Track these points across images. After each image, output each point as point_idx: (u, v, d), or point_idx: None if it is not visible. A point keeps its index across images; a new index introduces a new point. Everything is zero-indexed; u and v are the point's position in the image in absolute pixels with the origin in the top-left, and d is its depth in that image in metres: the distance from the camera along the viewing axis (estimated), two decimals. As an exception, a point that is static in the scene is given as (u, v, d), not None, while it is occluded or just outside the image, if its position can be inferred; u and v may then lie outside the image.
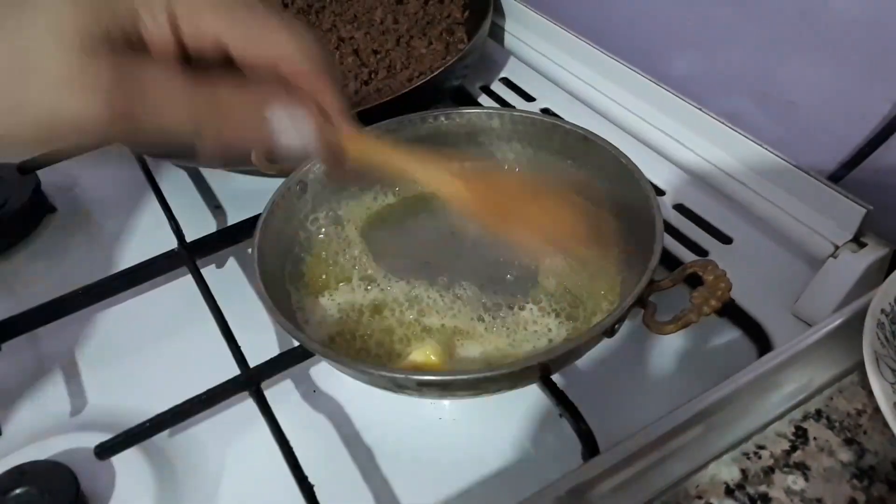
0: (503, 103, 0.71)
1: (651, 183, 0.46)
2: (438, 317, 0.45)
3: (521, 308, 0.45)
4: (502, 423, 0.45)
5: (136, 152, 0.64)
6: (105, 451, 0.42)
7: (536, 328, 0.44)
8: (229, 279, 0.57)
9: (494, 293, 0.46)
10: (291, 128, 0.31)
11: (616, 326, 0.40)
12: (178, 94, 0.28)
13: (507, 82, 0.74)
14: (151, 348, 0.53)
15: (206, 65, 0.30)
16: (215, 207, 0.64)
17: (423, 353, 0.41)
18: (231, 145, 0.30)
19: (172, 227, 0.57)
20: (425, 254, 0.50)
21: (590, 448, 0.40)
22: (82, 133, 0.27)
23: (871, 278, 0.47)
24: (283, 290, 0.46)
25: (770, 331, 0.48)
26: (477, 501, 0.42)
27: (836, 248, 0.48)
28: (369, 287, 0.47)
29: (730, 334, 0.49)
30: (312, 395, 0.49)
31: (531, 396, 0.46)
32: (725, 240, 0.55)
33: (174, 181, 0.66)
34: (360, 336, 0.45)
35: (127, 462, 0.44)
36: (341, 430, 0.46)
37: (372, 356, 0.44)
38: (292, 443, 0.42)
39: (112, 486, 0.44)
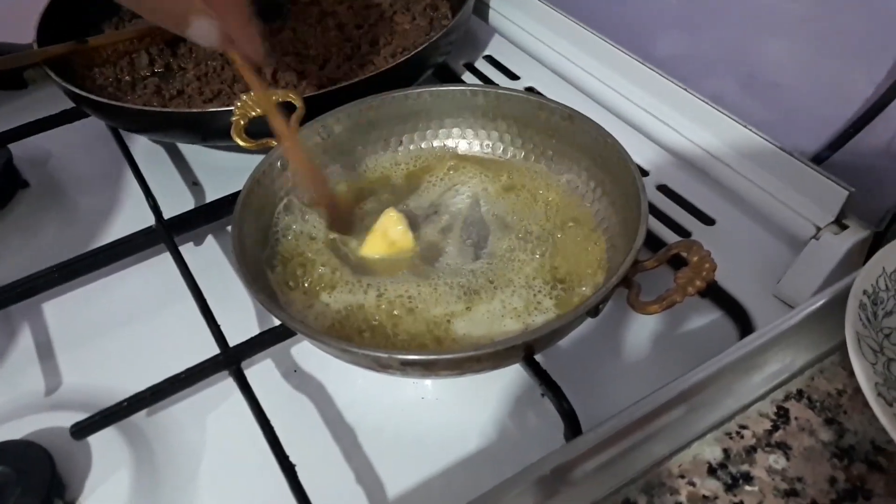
0: (487, 81, 0.70)
1: (637, 165, 0.46)
2: (420, 301, 0.44)
3: (506, 288, 0.45)
4: (485, 403, 0.45)
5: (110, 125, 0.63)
6: (81, 430, 0.42)
7: (521, 306, 0.44)
8: (208, 257, 0.56)
9: (477, 275, 0.46)
10: (204, 32, 0.44)
11: (600, 306, 0.39)
12: None
13: (492, 60, 0.73)
14: (128, 327, 0.52)
15: None
16: (193, 184, 0.63)
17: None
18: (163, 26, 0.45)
19: (150, 204, 0.55)
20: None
21: (572, 427, 0.40)
22: None
23: (853, 260, 0.47)
24: (263, 269, 0.46)
25: (752, 312, 0.48)
26: (460, 480, 0.42)
27: (819, 229, 0.48)
28: (350, 274, 0.47)
29: (711, 315, 0.49)
30: (293, 374, 0.48)
31: (513, 375, 0.45)
32: (708, 221, 0.55)
33: (151, 157, 0.65)
34: (340, 313, 0.44)
35: (104, 442, 0.44)
36: (323, 409, 0.46)
37: (354, 336, 0.43)
38: (273, 423, 0.42)
39: (89, 466, 0.43)
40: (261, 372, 0.47)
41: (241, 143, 0.50)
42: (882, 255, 0.38)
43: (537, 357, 0.42)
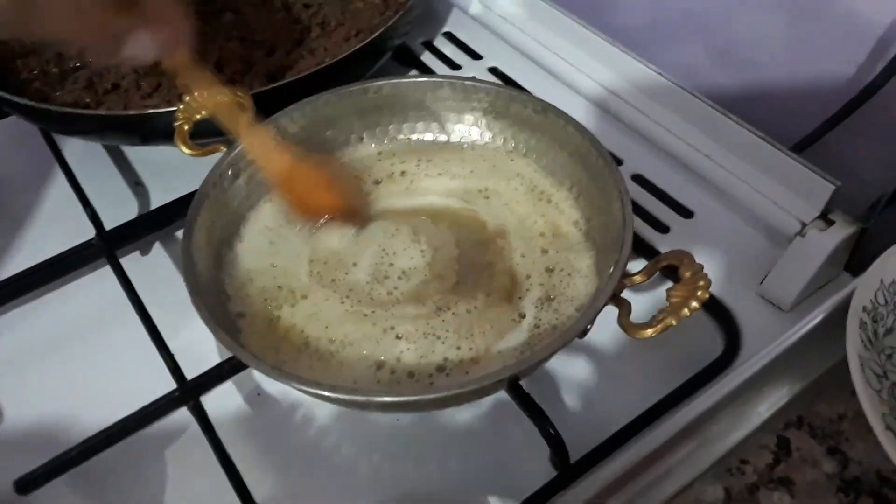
0: (448, 62, 0.66)
1: (610, 153, 0.43)
2: (395, 316, 0.41)
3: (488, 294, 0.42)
4: (464, 424, 0.42)
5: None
6: (27, 484, 0.38)
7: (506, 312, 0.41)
8: (156, 268, 0.52)
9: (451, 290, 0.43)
10: (141, 47, 0.39)
11: (588, 327, 0.37)
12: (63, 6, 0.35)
13: (451, 37, 0.69)
14: (71, 352, 0.47)
15: None
16: (135, 184, 0.58)
17: None
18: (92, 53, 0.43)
19: (88, 214, 0.51)
20: (374, 243, 0.46)
21: (559, 453, 0.38)
22: None
23: (839, 257, 0.45)
24: (220, 294, 0.42)
25: (735, 311, 0.46)
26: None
27: (804, 225, 0.46)
28: (315, 289, 0.43)
29: (694, 315, 0.47)
30: (257, 398, 0.45)
31: (495, 396, 0.43)
32: (686, 213, 0.53)
33: (87, 154, 0.59)
34: (300, 331, 0.41)
35: (52, 488, 0.40)
36: (290, 438, 0.43)
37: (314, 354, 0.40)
38: (238, 457, 0.39)
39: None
40: (221, 396, 0.44)
41: (186, 150, 0.45)
42: (878, 266, 0.36)
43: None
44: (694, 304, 0.35)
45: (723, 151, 0.52)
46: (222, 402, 0.43)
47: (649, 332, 0.35)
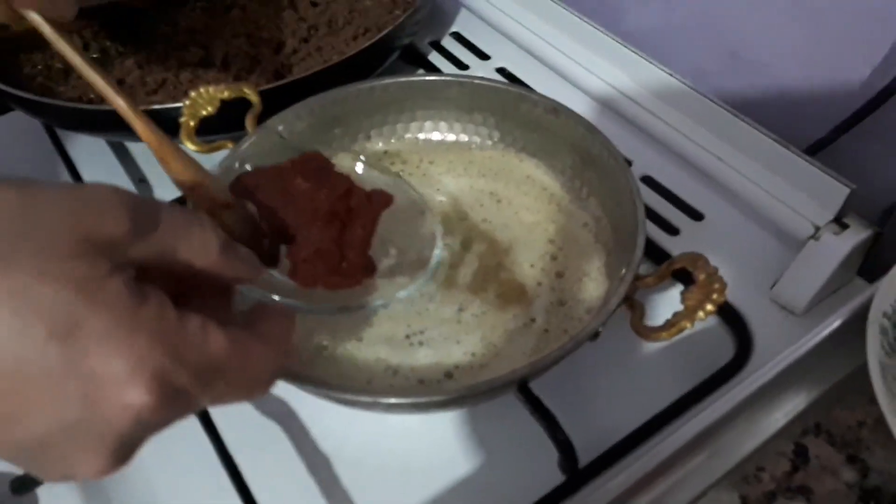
0: (456, 62, 0.65)
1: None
2: (410, 318, 0.41)
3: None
4: (472, 426, 0.42)
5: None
6: (23, 484, 0.37)
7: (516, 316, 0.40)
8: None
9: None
10: None
11: (599, 330, 0.36)
12: None
13: (459, 37, 0.68)
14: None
15: None
16: (140, 181, 0.57)
17: None
18: None
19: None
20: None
21: (568, 458, 0.37)
22: None
23: (853, 261, 0.45)
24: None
25: (746, 315, 0.45)
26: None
27: (817, 228, 0.46)
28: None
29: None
30: (264, 399, 0.44)
31: (503, 399, 0.42)
32: (696, 216, 0.52)
33: (90, 150, 0.59)
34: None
35: (48, 488, 0.39)
36: (294, 437, 0.42)
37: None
38: (240, 455, 0.39)
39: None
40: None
41: (191, 146, 0.44)
42: (899, 269, 0.36)
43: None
44: (709, 306, 0.34)
45: (734, 153, 0.51)
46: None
47: (664, 334, 0.34)
